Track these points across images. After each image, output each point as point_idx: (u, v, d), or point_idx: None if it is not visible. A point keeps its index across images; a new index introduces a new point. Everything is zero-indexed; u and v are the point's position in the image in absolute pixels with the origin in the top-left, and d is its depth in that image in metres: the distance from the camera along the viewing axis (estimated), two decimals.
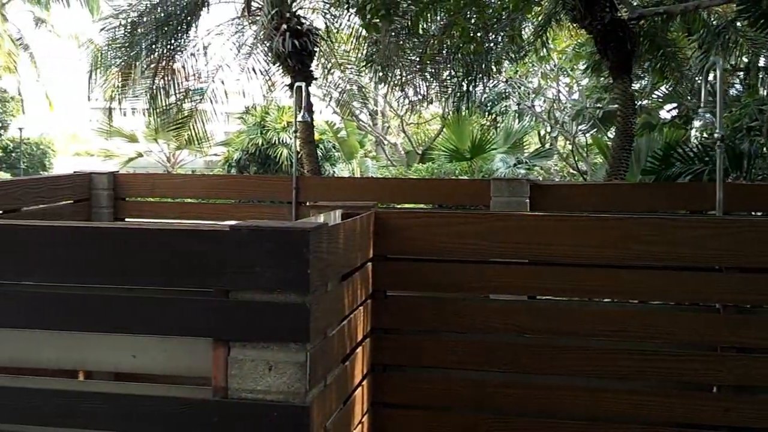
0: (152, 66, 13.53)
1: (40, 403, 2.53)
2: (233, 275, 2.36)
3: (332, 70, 14.96)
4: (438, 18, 9.04)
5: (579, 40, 16.24)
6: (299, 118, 7.20)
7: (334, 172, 22.13)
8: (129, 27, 13.05)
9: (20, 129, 30.61)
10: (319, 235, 2.42)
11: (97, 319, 2.50)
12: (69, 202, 5.91)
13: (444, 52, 9.94)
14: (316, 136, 16.93)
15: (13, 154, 31.29)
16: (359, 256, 3.13)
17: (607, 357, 3.35)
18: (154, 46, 13.27)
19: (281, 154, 22.18)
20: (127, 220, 6.28)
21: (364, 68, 13.08)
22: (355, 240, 3.04)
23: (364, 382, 3.26)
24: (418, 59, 10.38)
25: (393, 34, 9.25)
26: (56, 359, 2.72)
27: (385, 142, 27.56)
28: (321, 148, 19.74)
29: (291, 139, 21.99)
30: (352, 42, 13.67)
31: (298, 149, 12.33)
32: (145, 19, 13.10)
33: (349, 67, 15.06)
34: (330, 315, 2.65)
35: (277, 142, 22.35)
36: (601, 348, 3.37)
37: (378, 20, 6.58)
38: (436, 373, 3.51)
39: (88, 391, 2.56)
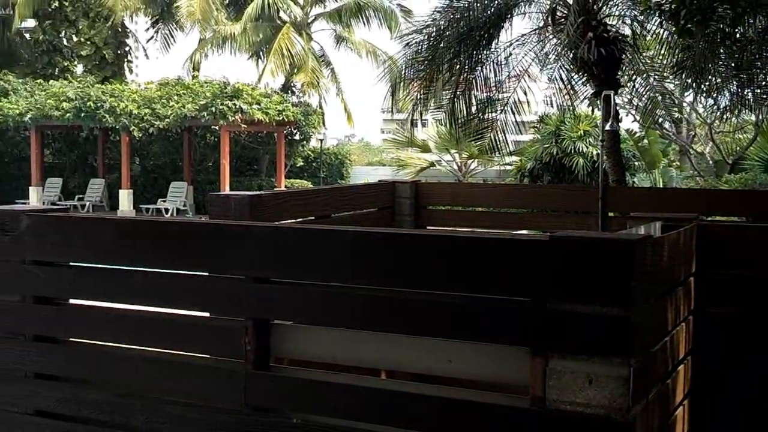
0: (453, 78, 13.89)
1: (353, 399, 2.63)
2: (552, 285, 2.32)
3: (634, 77, 14.46)
4: (756, 22, 8.43)
5: None
6: (607, 127, 7.01)
7: (634, 182, 21.38)
8: (432, 41, 13.49)
9: (320, 140, 32.70)
10: (643, 247, 2.32)
11: (417, 322, 2.56)
12: (373, 209, 5.98)
13: (763, 57, 9.25)
14: None
15: (314, 164, 33.50)
16: (682, 270, 2.98)
17: None
18: (455, 59, 13.61)
19: (577, 163, 21.81)
20: (428, 228, 6.34)
21: (670, 75, 12.52)
22: (678, 253, 2.89)
23: (685, 403, 3.08)
24: (733, 65, 9.75)
25: (706, 39, 8.76)
26: (376, 359, 2.84)
27: (691, 152, 26.18)
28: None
29: (587, 148, 21.60)
30: (657, 48, 13.14)
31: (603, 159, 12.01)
32: (447, 34, 13.48)
33: (653, 74, 14.48)
34: (653, 330, 2.55)
35: (572, 151, 22.02)
36: None
37: (692, 26, 6.24)
38: (763, 400, 3.24)
39: (404, 391, 2.63)
